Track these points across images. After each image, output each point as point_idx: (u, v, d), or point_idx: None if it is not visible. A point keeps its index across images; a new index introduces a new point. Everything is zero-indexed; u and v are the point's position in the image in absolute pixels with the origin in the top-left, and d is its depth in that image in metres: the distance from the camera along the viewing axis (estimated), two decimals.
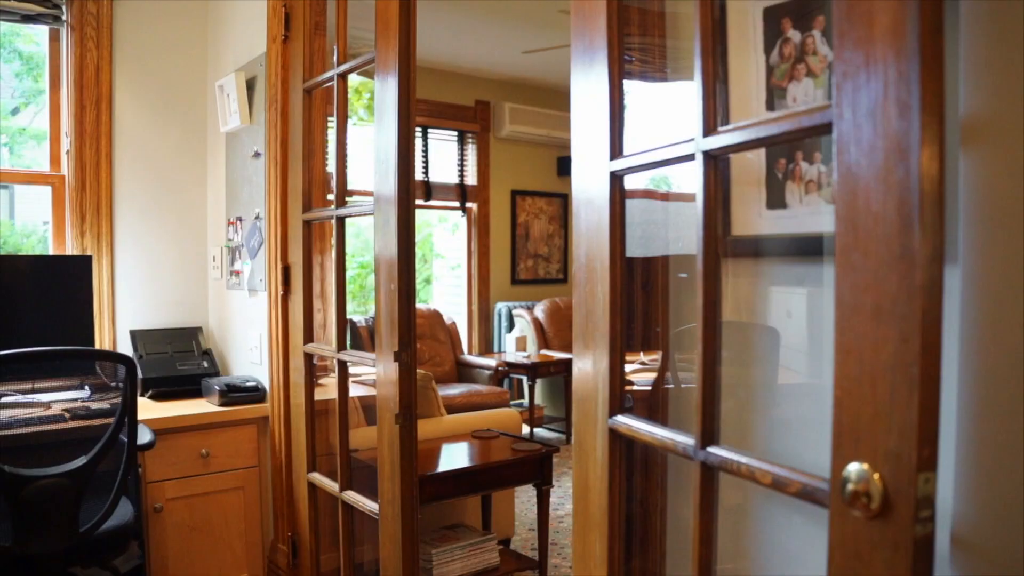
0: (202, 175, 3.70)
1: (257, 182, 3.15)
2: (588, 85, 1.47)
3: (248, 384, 3.12)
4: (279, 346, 3.02)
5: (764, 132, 1.09)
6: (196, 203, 3.69)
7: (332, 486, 2.67)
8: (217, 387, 3.07)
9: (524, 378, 6.38)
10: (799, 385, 1.43)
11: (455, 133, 7.20)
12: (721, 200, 1.15)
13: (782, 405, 1.49)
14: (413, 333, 2.30)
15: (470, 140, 7.29)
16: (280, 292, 2.99)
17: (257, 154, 3.14)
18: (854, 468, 0.92)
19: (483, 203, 7.35)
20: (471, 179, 7.31)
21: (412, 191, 2.29)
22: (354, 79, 3.75)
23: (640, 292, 1.60)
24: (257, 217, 3.17)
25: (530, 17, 5.56)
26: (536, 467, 3.16)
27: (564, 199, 8.00)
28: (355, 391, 3.13)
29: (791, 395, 1.48)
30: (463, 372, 6.42)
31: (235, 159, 3.37)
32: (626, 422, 1.40)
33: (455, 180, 7.21)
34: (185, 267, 3.66)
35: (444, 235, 7.73)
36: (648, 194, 1.71)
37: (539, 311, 7.14)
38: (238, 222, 3.35)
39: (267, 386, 3.12)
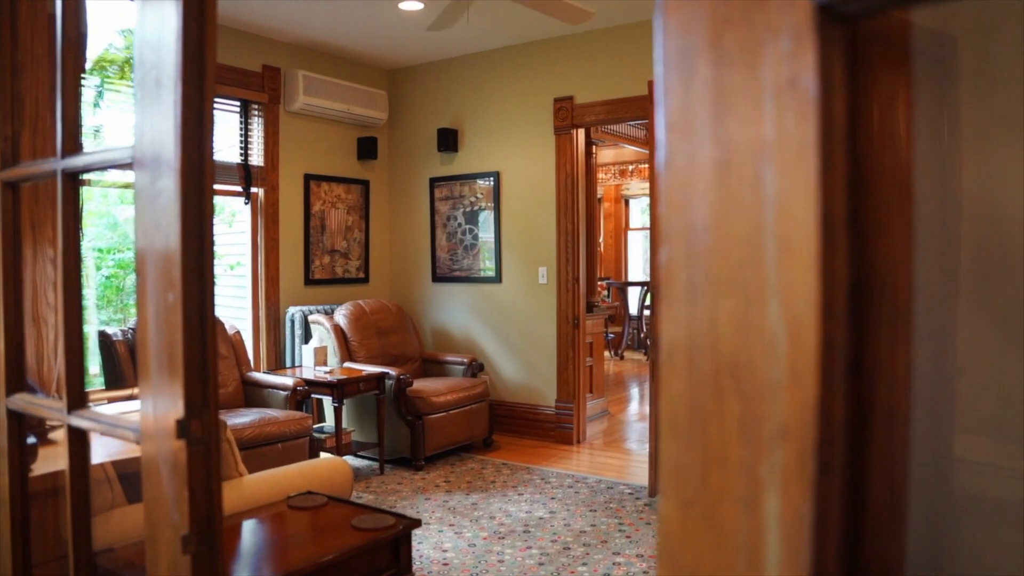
0: None
1: None
2: None
3: None
4: None
5: None
6: None
7: None
8: None
9: (328, 399, 5.31)
10: None
11: (237, 103, 5.95)
12: None
13: None
14: (213, 383, 1.29)
15: (256, 112, 6.07)
16: None
17: None
18: None
19: (271, 188, 6.15)
20: (256, 159, 6.09)
21: (209, 124, 1.27)
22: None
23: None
24: None
25: None
26: (389, 551, 2.21)
27: (365, 186, 6.98)
28: (104, 448, 2.03)
29: None
30: (252, 394, 5.23)
31: None
32: None
33: (237, 159, 5.96)
34: None
35: (221, 228, 6.41)
36: None
37: (340, 316, 6.09)
38: None
39: None
